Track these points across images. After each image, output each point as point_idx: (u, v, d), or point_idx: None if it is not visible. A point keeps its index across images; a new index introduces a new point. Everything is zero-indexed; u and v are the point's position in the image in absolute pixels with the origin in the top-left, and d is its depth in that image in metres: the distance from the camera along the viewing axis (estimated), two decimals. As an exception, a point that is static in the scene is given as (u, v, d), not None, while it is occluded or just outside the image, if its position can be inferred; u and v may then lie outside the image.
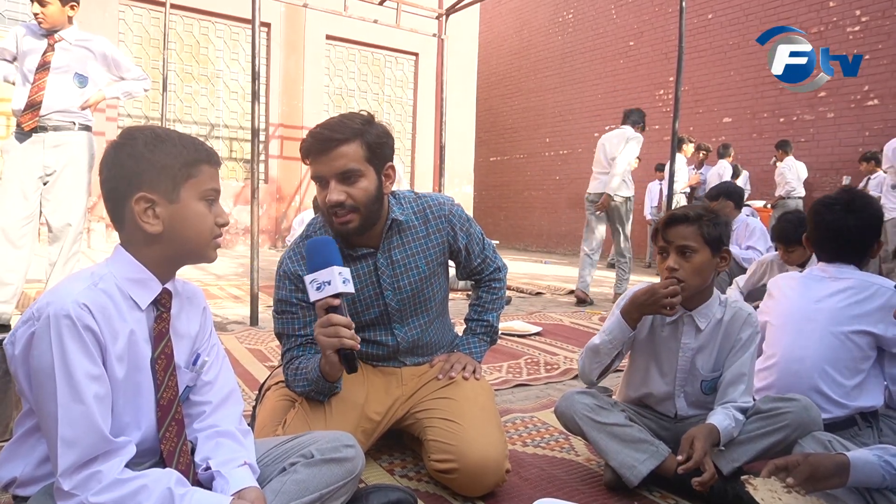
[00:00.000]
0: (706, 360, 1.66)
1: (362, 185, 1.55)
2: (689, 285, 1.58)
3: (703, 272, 1.59)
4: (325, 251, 1.38)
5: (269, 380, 1.85)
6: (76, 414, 0.97)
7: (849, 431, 1.65)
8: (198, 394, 1.24)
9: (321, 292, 1.35)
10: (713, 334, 1.65)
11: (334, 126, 1.54)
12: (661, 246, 1.63)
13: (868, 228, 1.81)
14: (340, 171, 1.53)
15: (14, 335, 1.03)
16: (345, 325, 1.37)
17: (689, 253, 1.57)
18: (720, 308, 1.66)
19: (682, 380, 1.69)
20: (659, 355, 1.70)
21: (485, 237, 1.90)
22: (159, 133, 1.13)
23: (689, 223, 1.57)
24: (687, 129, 9.06)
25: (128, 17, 7.78)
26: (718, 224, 1.58)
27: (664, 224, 1.62)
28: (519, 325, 3.87)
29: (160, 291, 1.14)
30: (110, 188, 1.11)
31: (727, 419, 1.52)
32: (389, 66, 9.97)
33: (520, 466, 1.74)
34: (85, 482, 0.97)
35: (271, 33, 8.65)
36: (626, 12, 10.39)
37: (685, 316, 1.66)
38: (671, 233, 1.60)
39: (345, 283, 1.35)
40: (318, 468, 1.24)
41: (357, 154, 1.54)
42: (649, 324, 1.70)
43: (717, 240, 1.58)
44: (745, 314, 1.64)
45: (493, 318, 1.93)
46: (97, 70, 3.24)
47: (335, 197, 1.53)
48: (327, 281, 1.34)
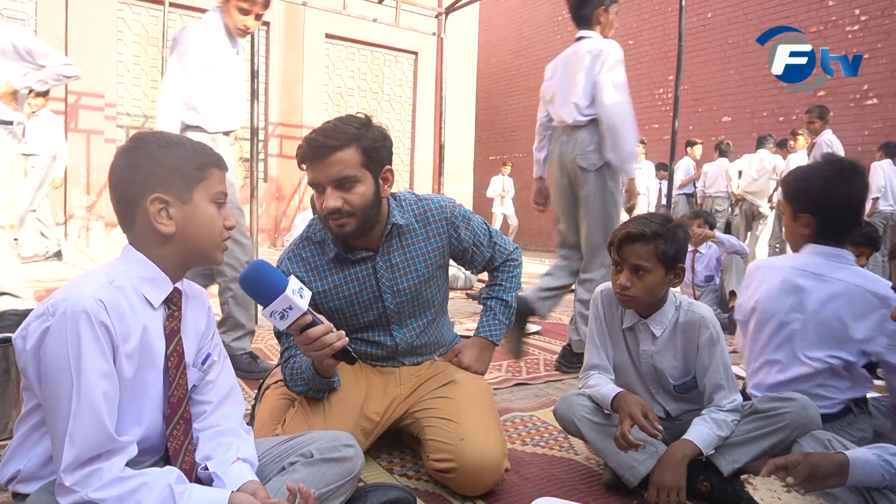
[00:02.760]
0: (670, 363, 1.65)
1: (359, 190, 1.54)
2: (640, 301, 1.59)
3: (655, 290, 1.58)
4: (265, 279, 1.28)
5: (269, 378, 1.85)
6: (85, 411, 0.98)
7: (846, 419, 1.65)
8: (199, 393, 1.24)
9: (287, 320, 1.29)
10: (671, 339, 1.64)
11: (330, 132, 1.52)
12: (614, 260, 1.61)
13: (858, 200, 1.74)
14: (336, 178, 1.52)
15: (26, 329, 1.03)
16: (325, 332, 1.34)
17: (642, 272, 1.55)
18: (675, 312, 1.64)
19: (653, 382, 1.69)
20: (632, 360, 1.71)
21: (489, 226, 1.88)
22: (170, 137, 1.17)
23: (646, 241, 1.54)
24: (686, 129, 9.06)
25: (126, 16, 7.78)
26: (675, 241, 1.55)
27: (620, 240, 1.58)
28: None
29: (171, 290, 1.15)
30: (123, 190, 1.13)
31: (705, 427, 1.52)
32: (389, 64, 9.96)
33: (519, 465, 1.74)
34: (86, 479, 0.98)
35: (270, 32, 8.65)
36: (625, 11, 10.38)
37: (640, 324, 1.66)
38: (626, 250, 1.57)
39: (303, 296, 1.29)
40: (317, 467, 1.25)
41: (353, 160, 1.52)
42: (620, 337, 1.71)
43: (672, 258, 1.55)
44: (699, 317, 1.61)
45: (511, 297, 1.90)
46: (5, 62, 3.03)
47: (332, 203, 1.52)
48: (287, 307, 1.27)
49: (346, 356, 1.39)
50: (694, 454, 1.50)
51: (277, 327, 1.32)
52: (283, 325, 1.30)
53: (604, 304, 1.72)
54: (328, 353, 1.36)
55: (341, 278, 1.68)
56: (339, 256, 1.67)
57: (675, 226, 1.58)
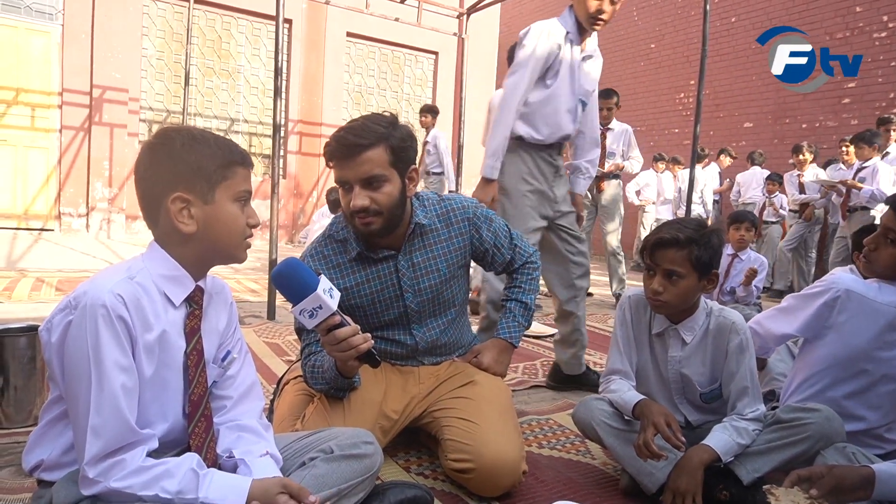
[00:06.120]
0: (699, 371, 1.63)
1: (387, 189, 1.55)
2: (672, 306, 1.57)
3: (687, 296, 1.57)
4: (298, 276, 1.27)
5: (288, 374, 1.87)
6: (105, 403, 0.99)
7: None
8: (220, 388, 1.25)
9: (316, 318, 1.28)
10: (701, 345, 1.62)
11: (359, 131, 1.53)
12: (647, 264, 1.60)
13: None
14: (365, 177, 1.53)
15: (51, 322, 1.04)
16: (352, 334, 1.33)
17: (675, 277, 1.54)
18: (706, 318, 1.62)
19: (678, 391, 1.68)
20: (656, 367, 1.70)
21: (510, 228, 1.87)
22: (195, 134, 1.14)
23: (680, 247, 1.53)
24: (707, 134, 8.97)
25: (151, 12, 7.87)
26: (709, 247, 1.53)
27: (652, 245, 1.57)
28: (535, 326, 3.85)
29: (193, 289, 1.16)
30: (146, 187, 1.13)
31: (725, 433, 1.50)
32: (409, 64, 9.97)
33: (535, 468, 1.74)
34: (109, 469, 0.99)
35: (292, 30, 8.70)
36: (648, 15, 10.31)
37: (671, 329, 1.64)
38: (659, 255, 1.56)
39: (333, 297, 1.29)
40: (337, 464, 1.25)
41: (382, 159, 1.53)
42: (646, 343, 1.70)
43: (706, 264, 1.54)
44: (730, 322, 1.59)
45: (530, 299, 1.89)
46: None
47: (360, 202, 1.53)
48: (317, 306, 1.27)
49: (370, 359, 1.38)
50: (711, 460, 1.49)
51: (305, 326, 1.31)
52: (311, 324, 1.30)
53: (631, 310, 1.71)
54: (353, 355, 1.35)
55: (363, 276, 1.68)
56: (362, 255, 1.67)
57: (710, 231, 1.57)
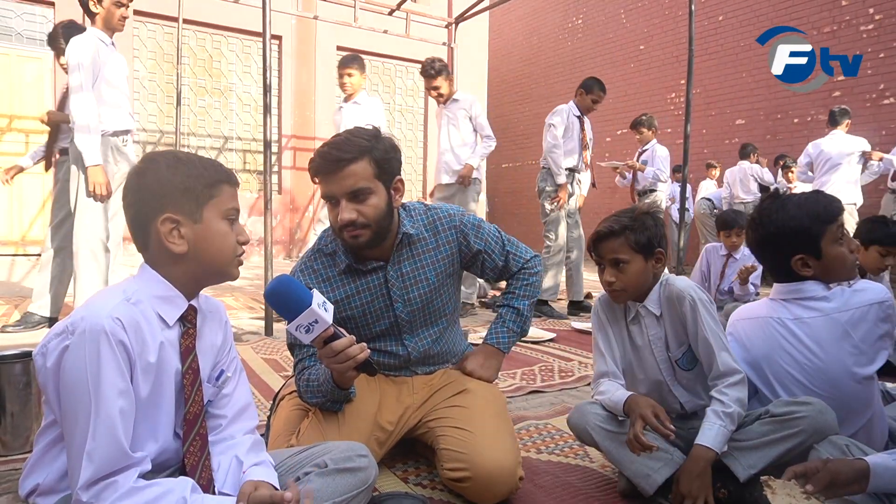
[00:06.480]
0: (672, 339, 1.65)
1: (372, 202, 1.56)
2: (629, 291, 1.64)
3: (639, 278, 1.62)
4: (291, 293, 1.27)
5: (284, 389, 1.87)
6: (102, 429, 0.99)
7: None
8: (215, 407, 1.25)
9: (312, 333, 1.29)
10: (669, 315, 1.65)
11: (342, 145, 1.54)
12: (596, 260, 1.67)
13: None
14: (350, 190, 1.54)
15: (46, 347, 1.04)
16: (349, 344, 1.33)
17: (622, 265, 1.61)
18: (659, 287, 1.67)
19: (667, 371, 1.67)
20: (640, 362, 1.70)
21: (503, 234, 1.86)
22: (180, 156, 1.16)
23: (616, 236, 1.61)
24: (700, 132, 9.01)
25: (142, 34, 7.92)
26: (644, 229, 1.60)
27: (594, 241, 1.66)
28: (533, 331, 3.85)
29: (186, 308, 1.17)
30: (136, 211, 1.14)
31: (714, 426, 1.49)
32: (400, 75, 10.03)
33: (534, 474, 1.73)
34: (101, 492, 0.99)
35: (282, 46, 8.75)
36: (636, 16, 10.37)
37: (640, 308, 1.67)
38: (601, 248, 1.64)
39: (327, 310, 1.29)
40: (331, 478, 1.25)
41: (366, 172, 1.54)
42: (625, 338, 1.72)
43: (646, 245, 1.60)
44: (677, 290, 1.61)
45: (523, 305, 1.87)
46: None
47: (347, 216, 1.54)
48: (313, 321, 1.27)
49: (367, 368, 1.38)
50: (713, 458, 1.49)
51: (302, 341, 1.32)
52: (308, 339, 1.30)
53: (604, 310, 1.75)
54: (351, 366, 1.35)
55: (353, 288, 1.69)
56: (351, 267, 1.68)
57: (642, 214, 1.63)
